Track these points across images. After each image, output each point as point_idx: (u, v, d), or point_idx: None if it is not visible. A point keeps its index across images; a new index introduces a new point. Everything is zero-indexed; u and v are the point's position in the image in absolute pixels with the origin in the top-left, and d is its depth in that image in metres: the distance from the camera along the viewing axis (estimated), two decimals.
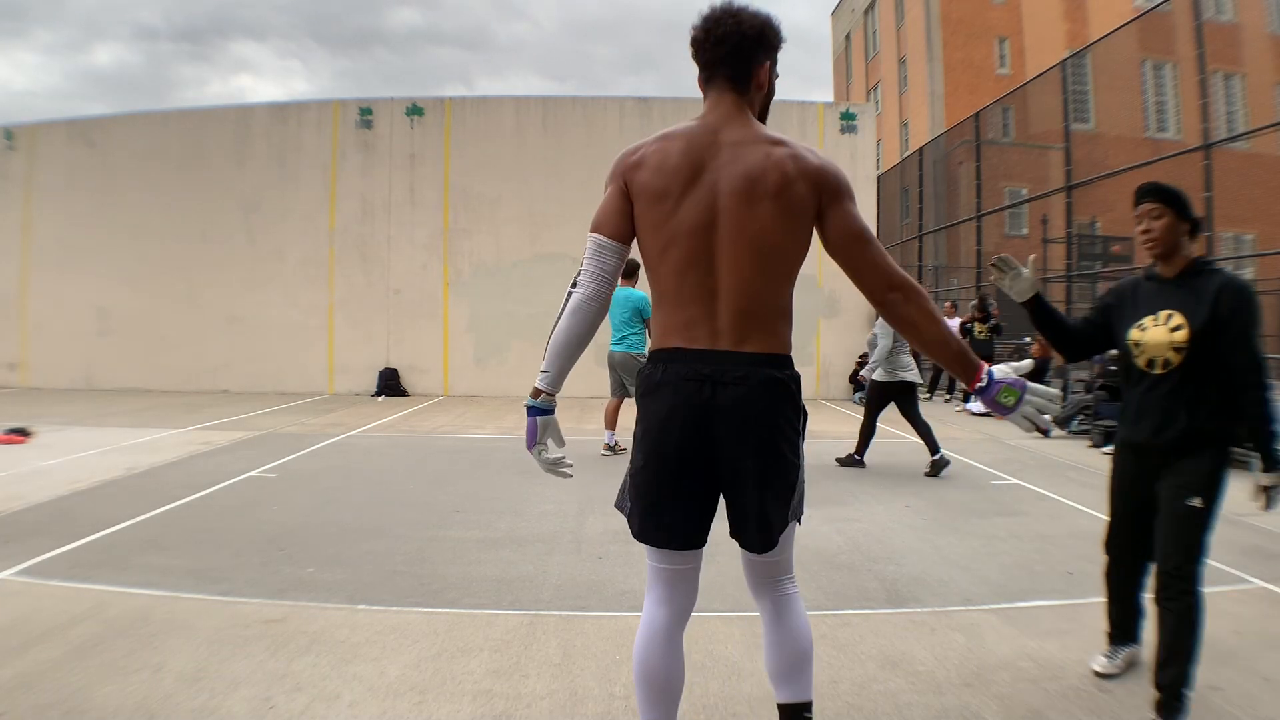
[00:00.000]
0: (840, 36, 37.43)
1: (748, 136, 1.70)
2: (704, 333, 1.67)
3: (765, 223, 1.66)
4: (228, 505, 4.98)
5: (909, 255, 15.94)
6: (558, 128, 12.72)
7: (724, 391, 1.64)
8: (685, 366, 1.66)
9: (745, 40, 1.71)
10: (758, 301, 1.68)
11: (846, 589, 3.52)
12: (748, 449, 1.66)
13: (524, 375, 12.41)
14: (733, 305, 1.66)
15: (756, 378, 1.65)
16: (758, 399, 1.65)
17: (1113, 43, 9.87)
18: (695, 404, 1.65)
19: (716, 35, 1.71)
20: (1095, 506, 5.18)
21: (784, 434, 1.69)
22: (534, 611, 3.20)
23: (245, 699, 2.41)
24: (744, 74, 1.73)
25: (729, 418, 1.65)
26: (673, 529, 1.73)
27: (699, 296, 1.67)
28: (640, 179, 1.71)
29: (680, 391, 1.66)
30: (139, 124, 13.25)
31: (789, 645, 1.83)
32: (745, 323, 1.67)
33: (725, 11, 1.72)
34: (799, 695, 1.81)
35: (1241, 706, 2.43)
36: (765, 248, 1.67)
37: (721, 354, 1.65)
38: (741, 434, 1.65)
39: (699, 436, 1.66)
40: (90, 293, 12.90)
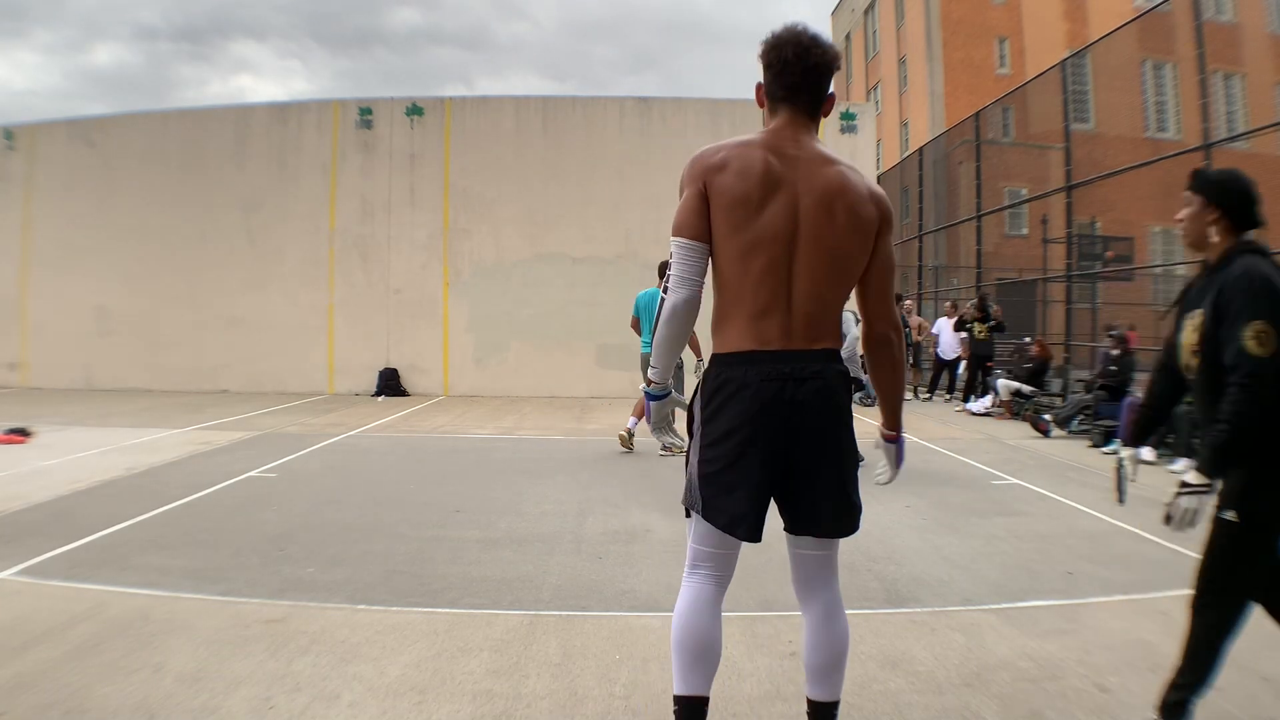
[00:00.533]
0: (840, 36, 37.42)
1: (822, 156, 1.88)
2: (778, 334, 1.80)
3: (841, 234, 1.81)
4: (228, 505, 4.98)
5: (909, 255, 15.94)
6: (557, 128, 12.71)
7: (803, 387, 1.79)
8: (766, 367, 1.79)
9: (830, 72, 1.91)
10: (825, 305, 1.84)
11: (846, 589, 3.49)
12: (829, 437, 1.82)
13: (524, 375, 12.43)
14: (804, 309, 1.81)
15: (829, 372, 1.83)
16: (834, 391, 1.83)
17: (1113, 43, 9.87)
18: (781, 400, 1.78)
19: (808, 64, 1.86)
20: (1095, 506, 5.18)
21: (849, 423, 1.89)
22: (534, 611, 3.20)
23: (245, 699, 2.41)
24: (820, 101, 1.93)
25: (808, 411, 1.79)
26: (749, 520, 1.82)
27: (775, 300, 1.80)
28: (723, 182, 1.80)
29: (764, 392, 1.78)
30: (139, 124, 13.26)
31: (835, 646, 1.93)
32: (815, 324, 1.82)
33: (815, 41, 1.88)
34: (833, 694, 1.95)
35: (1241, 706, 2.43)
36: (839, 256, 1.82)
37: (797, 353, 1.80)
38: (820, 424, 1.81)
39: (783, 431, 1.79)
40: (90, 293, 12.90)
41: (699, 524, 1.89)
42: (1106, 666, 2.71)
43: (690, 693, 1.85)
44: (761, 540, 1.86)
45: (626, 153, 12.55)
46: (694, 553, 1.92)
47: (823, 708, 1.95)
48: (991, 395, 10.39)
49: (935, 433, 8.67)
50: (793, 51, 1.86)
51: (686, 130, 12.60)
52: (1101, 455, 7.31)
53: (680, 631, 1.86)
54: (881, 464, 2.09)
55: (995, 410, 10.09)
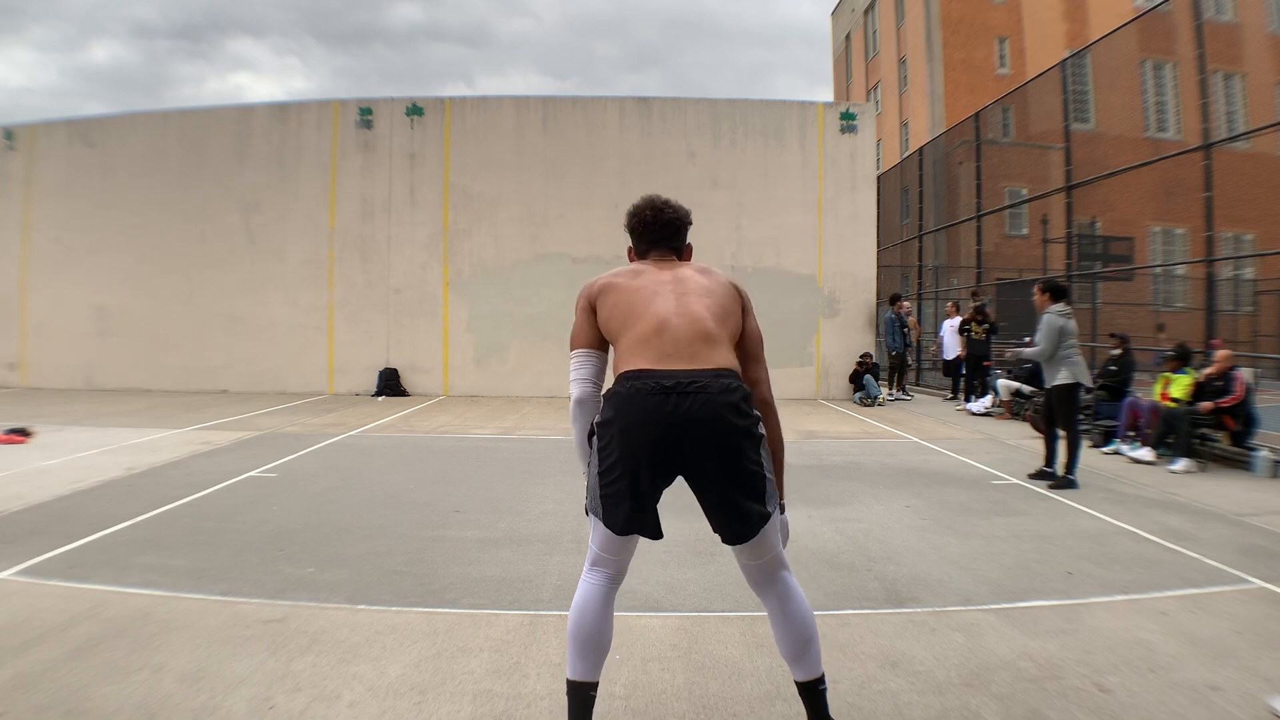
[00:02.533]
0: (840, 36, 37.43)
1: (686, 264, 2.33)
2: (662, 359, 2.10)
3: (709, 289, 2.20)
4: (228, 505, 4.98)
5: (909, 255, 15.93)
6: (558, 128, 12.71)
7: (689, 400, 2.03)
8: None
9: (682, 227, 2.41)
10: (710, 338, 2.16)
11: (846, 589, 3.52)
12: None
13: (524, 375, 12.43)
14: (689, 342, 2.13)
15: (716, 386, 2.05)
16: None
17: (1113, 43, 9.86)
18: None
19: (663, 220, 2.36)
20: (1095, 506, 5.19)
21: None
22: (534, 611, 3.20)
23: (245, 699, 2.41)
24: (679, 249, 2.40)
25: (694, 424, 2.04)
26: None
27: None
28: (610, 287, 2.22)
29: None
30: (139, 124, 13.25)
31: (797, 629, 2.11)
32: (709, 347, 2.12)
33: (667, 204, 2.39)
34: (812, 672, 2.12)
35: (1241, 706, 2.43)
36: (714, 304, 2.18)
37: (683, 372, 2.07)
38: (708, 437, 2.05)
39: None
40: (90, 293, 12.90)
41: (597, 527, 2.11)
42: (1106, 666, 2.72)
43: (579, 678, 2.08)
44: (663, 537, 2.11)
45: (626, 153, 12.55)
46: (593, 554, 2.16)
47: (807, 686, 2.12)
48: (991, 395, 10.39)
49: (935, 433, 8.67)
50: (650, 214, 2.35)
51: (686, 130, 12.62)
52: (1101, 455, 7.31)
53: (574, 624, 2.09)
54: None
55: (995, 410, 10.10)
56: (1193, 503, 5.37)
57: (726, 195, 12.53)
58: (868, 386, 11.63)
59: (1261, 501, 5.44)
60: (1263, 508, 5.23)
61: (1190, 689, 2.54)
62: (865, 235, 12.80)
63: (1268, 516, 4.99)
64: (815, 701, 2.11)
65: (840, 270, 12.59)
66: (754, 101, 12.84)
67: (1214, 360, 6.90)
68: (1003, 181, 12.82)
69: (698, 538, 4.30)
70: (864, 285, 12.73)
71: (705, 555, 3.99)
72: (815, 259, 12.58)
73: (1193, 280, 9.93)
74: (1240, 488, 5.91)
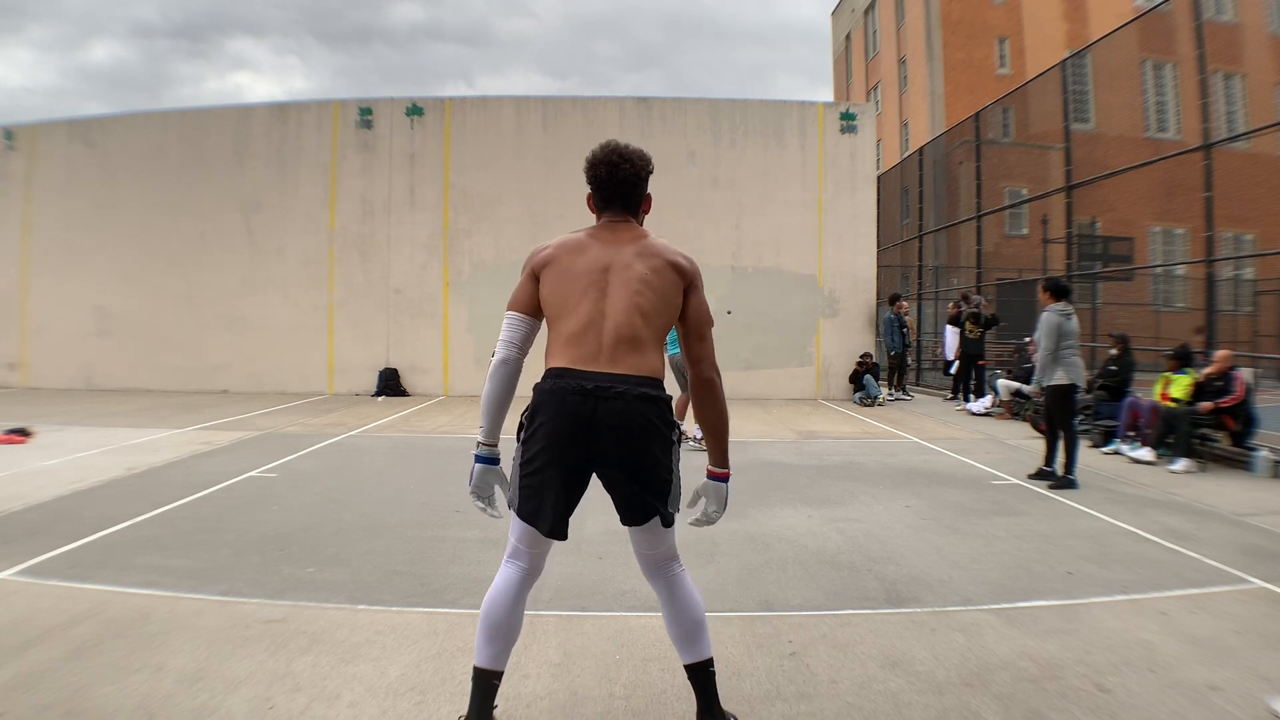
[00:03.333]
0: (840, 36, 37.43)
1: (634, 233, 2.29)
2: (581, 359, 2.20)
3: (646, 277, 2.18)
4: (228, 505, 4.98)
5: (909, 255, 15.93)
6: (558, 127, 12.71)
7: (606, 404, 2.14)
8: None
9: (639, 182, 2.33)
10: (637, 334, 2.18)
11: (846, 589, 3.52)
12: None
13: (524, 375, 12.38)
14: (614, 337, 2.16)
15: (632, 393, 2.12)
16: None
17: (1113, 43, 9.86)
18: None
19: (617, 178, 2.30)
20: (1095, 506, 5.19)
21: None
22: (534, 611, 3.20)
23: (245, 699, 2.41)
24: (636, 204, 2.35)
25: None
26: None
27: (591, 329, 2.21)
28: (551, 258, 2.32)
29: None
30: (139, 124, 13.25)
31: (684, 616, 2.18)
32: (627, 350, 2.17)
33: (623, 158, 2.31)
34: (700, 655, 2.18)
35: (1241, 706, 2.43)
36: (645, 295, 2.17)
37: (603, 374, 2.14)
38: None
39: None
40: (90, 293, 12.90)
41: (514, 519, 2.20)
42: (1106, 666, 2.72)
43: (484, 665, 2.13)
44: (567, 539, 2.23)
45: None
46: (511, 546, 2.22)
47: (695, 668, 2.18)
48: (991, 395, 10.39)
49: (935, 433, 8.67)
50: (605, 170, 2.31)
51: (686, 130, 12.61)
52: (1101, 455, 7.31)
53: (485, 612, 2.15)
54: (701, 502, 2.25)
55: (995, 410, 10.10)
56: (1193, 503, 5.37)
57: (726, 195, 12.53)
58: (868, 386, 11.63)
59: (1261, 501, 5.44)
60: (1263, 508, 5.23)
61: (1190, 689, 2.54)
62: (865, 235, 12.80)
63: (1268, 516, 4.99)
64: (705, 683, 2.17)
65: (840, 270, 12.59)
66: (754, 101, 12.84)
67: (1214, 360, 6.90)
68: (1003, 181, 12.82)
69: (698, 537, 4.30)
70: (864, 285, 12.73)
71: (705, 555, 3.99)
72: (815, 259, 12.58)
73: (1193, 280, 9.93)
74: (1240, 488, 5.91)
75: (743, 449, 7.47)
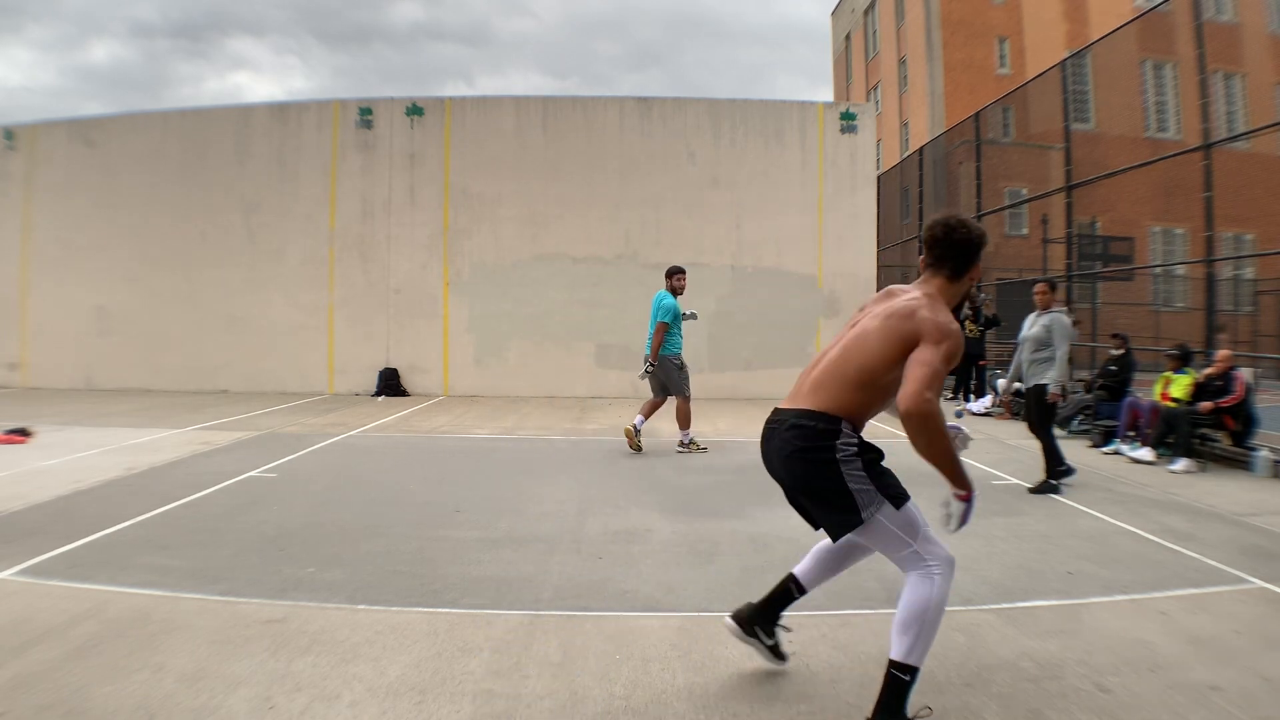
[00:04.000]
0: (840, 36, 37.42)
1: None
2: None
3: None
4: (228, 505, 4.98)
5: (909, 255, 15.92)
6: (558, 128, 12.71)
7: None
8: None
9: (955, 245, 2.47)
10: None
11: (846, 589, 3.52)
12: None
13: (524, 375, 12.43)
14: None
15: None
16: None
17: (1113, 43, 9.85)
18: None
19: (953, 240, 2.47)
20: (1095, 506, 5.19)
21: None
22: (534, 611, 3.20)
23: (245, 699, 2.41)
24: (942, 267, 2.49)
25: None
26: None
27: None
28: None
29: None
30: (139, 124, 13.25)
31: (899, 611, 2.32)
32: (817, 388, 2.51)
33: (954, 223, 2.49)
34: (890, 652, 2.28)
35: (1241, 706, 2.43)
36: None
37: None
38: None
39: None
40: (90, 293, 12.89)
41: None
42: (1106, 666, 2.71)
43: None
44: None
45: (626, 153, 12.55)
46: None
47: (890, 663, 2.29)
48: (991, 395, 10.38)
49: None
50: (928, 233, 2.53)
51: (686, 130, 12.61)
52: (1101, 455, 7.31)
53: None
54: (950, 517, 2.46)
55: (995, 410, 10.09)
56: (1193, 503, 5.37)
57: (726, 195, 12.53)
58: None
59: (1261, 501, 5.44)
60: (1263, 508, 5.23)
61: (1190, 689, 2.54)
62: (865, 235, 12.80)
63: (1268, 516, 4.99)
64: (885, 682, 2.27)
65: (840, 270, 12.59)
66: (754, 101, 12.84)
67: (1214, 360, 6.90)
68: (1003, 181, 12.82)
69: (698, 538, 4.30)
70: (864, 285, 12.72)
71: (705, 555, 3.99)
72: (815, 259, 12.58)
73: (1193, 280, 9.93)
74: (1240, 488, 5.91)
75: (743, 449, 7.47)
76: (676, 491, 5.49)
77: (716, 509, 4.94)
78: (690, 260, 12.43)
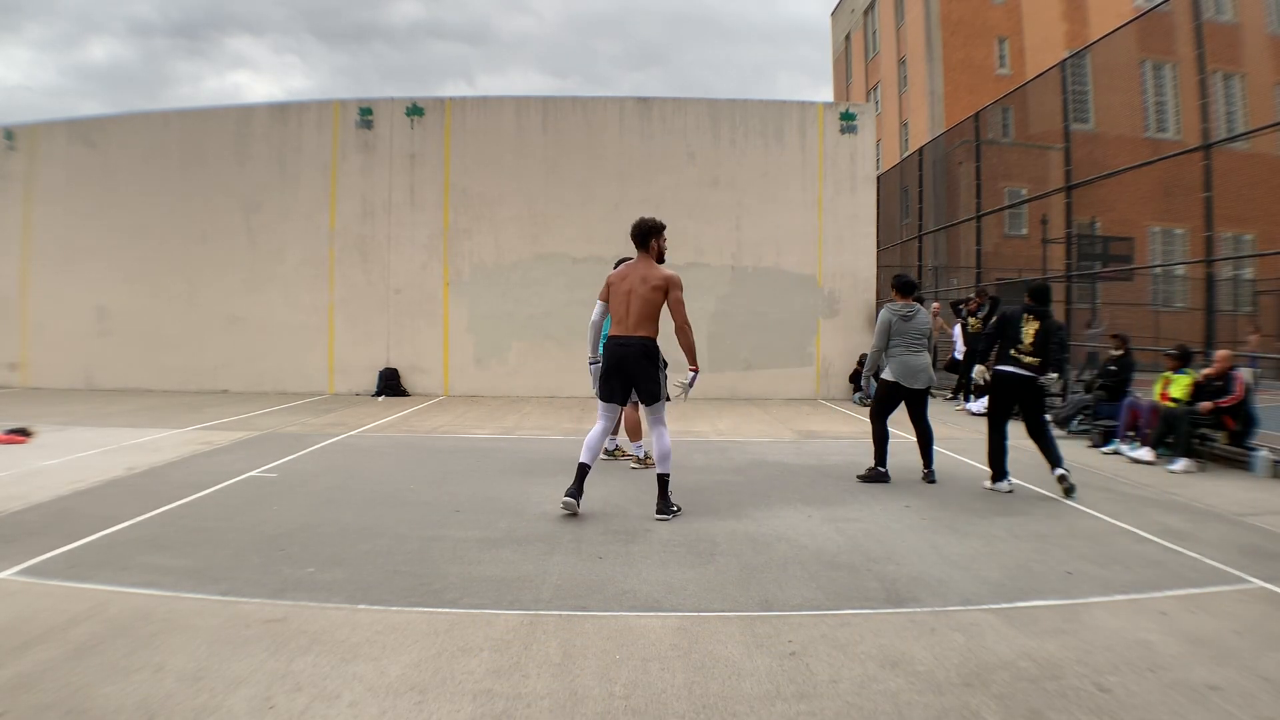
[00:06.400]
0: (840, 37, 37.43)
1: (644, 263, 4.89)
2: (623, 329, 4.81)
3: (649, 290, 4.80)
4: (228, 505, 4.98)
5: (909, 255, 15.92)
6: (558, 128, 12.71)
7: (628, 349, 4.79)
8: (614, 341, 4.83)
9: (643, 232, 4.86)
10: (644, 319, 4.81)
11: (846, 589, 3.52)
12: (639, 369, 4.80)
13: (524, 375, 12.43)
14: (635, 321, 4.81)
15: (637, 343, 4.77)
16: (642, 350, 4.79)
17: (1113, 43, 9.85)
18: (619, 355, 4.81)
19: (634, 235, 4.86)
20: (1095, 506, 5.19)
21: (649, 365, 4.84)
22: (534, 611, 3.20)
23: (245, 699, 2.41)
24: (644, 246, 4.87)
25: (629, 359, 4.79)
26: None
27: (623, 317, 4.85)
28: (611, 279, 4.94)
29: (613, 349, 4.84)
30: (139, 124, 13.25)
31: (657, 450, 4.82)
32: (639, 326, 4.77)
33: (642, 221, 4.88)
34: (658, 470, 4.86)
35: (1241, 706, 2.43)
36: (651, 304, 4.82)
37: (628, 336, 4.80)
38: (635, 364, 4.79)
39: (619, 365, 4.80)
40: (90, 293, 12.90)
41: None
42: (1106, 666, 2.72)
43: (585, 461, 4.79)
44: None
45: (626, 153, 12.55)
46: (601, 411, 4.94)
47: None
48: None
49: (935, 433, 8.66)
50: (633, 228, 4.87)
51: (686, 130, 12.62)
52: (1101, 455, 7.31)
53: (589, 445, 4.81)
54: (681, 381, 4.84)
55: None
56: (1192, 503, 5.38)
57: (726, 195, 12.53)
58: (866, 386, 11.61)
59: (1261, 501, 5.44)
60: (1263, 508, 5.23)
61: (1190, 689, 2.55)
62: (865, 235, 12.80)
63: (1268, 516, 4.99)
64: (660, 485, 4.80)
65: (840, 270, 12.59)
66: (754, 101, 12.84)
67: (1214, 360, 6.90)
68: (1002, 181, 12.82)
69: (698, 538, 4.31)
70: (864, 285, 12.73)
71: (705, 555, 3.99)
72: (815, 259, 12.58)
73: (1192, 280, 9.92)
74: (1240, 488, 5.91)
75: (743, 449, 7.47)
76: (676, 491, 5.49)
77: (716, 509, 4.94)
78: (690, 260, 12.46)
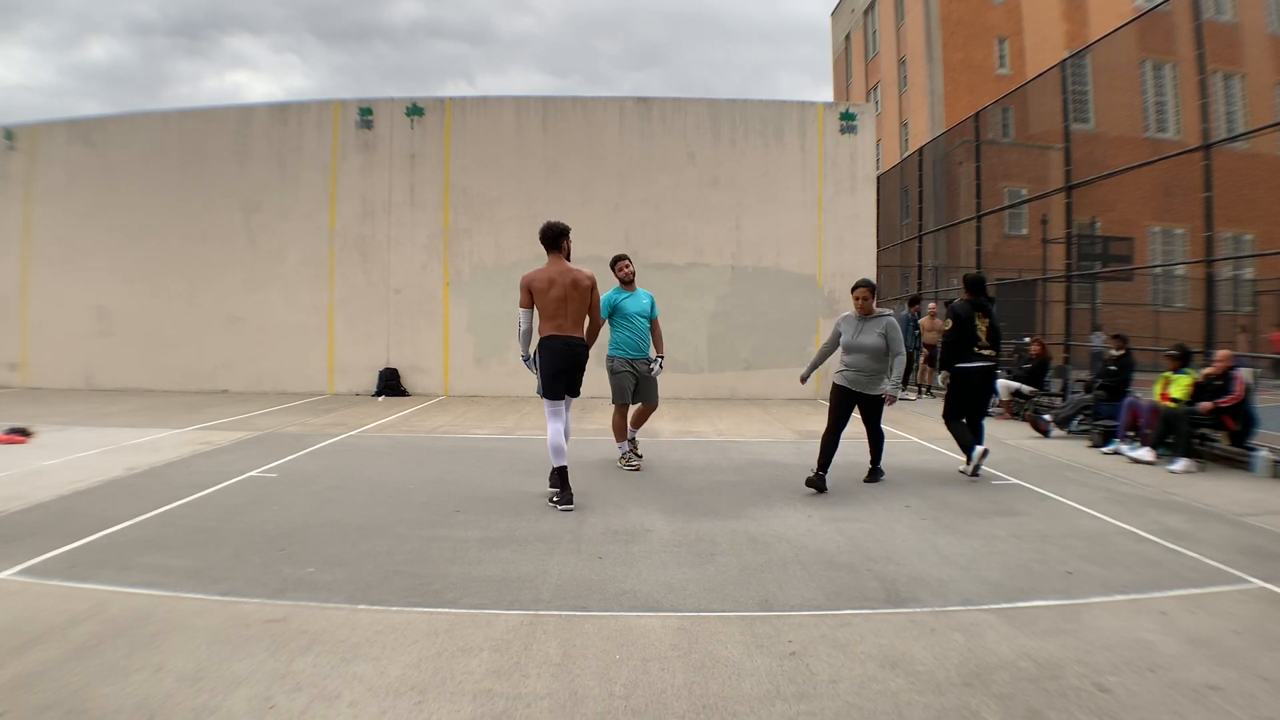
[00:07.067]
0: (840, 36, 37.43)
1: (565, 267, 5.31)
2: (565, 329, 5.24)
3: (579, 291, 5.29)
4: (228, 505, 4.98)
5: (909, 255, 15.93)
6: (558, 128, 12.71)
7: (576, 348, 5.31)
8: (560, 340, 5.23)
9: (553, 235, 5.32)
10: (578, 319, 5.34)
11: (846, 589, 3.52)
12: (580, 367, 5.38)
13: (524, 375, 12.35)
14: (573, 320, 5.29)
15: (579, 343, 5.31)
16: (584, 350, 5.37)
17: (1113, 43, 9.85)
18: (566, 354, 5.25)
19: (547, 236, 5.31)
20: (1095, 506, 5.19)
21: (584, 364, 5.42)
22: (534, 611, 3.20)
23: (245, 699, 2.41)
24: (557, 248, 5.30)
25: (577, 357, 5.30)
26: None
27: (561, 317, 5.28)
28: (536, 285, 5.24)
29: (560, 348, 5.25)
30: (139, 124, 13.25)
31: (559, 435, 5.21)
32: (577, 326, 5.30)
33: (550, 225, 5.32)
34: (555, 462, 5.19)
35: (1241, 706, 2.43)
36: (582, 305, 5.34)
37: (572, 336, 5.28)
38: (580, 362, 5.35)
39: (568, 364, 5.25)
40: (90, 293, 12.89)
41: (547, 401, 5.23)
42: (1106, 666, 2.72)
43: (560, 464, 5.04)
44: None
45: (626, 153, 12.55)
46: (550, 412, 5.20)
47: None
48: (991, 395, 10.37)
49: (935, 432, 8.66)
50: (544, 231, 5.30)
51: (686, 130, 12.61)
52: (1101, 455, 7.31)
53: (554, 446, 5.08)
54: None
55: (995, 410, 10.09)
56: (1192, 503, 5.38)
57: (726, 195, 12.53)
58: None
59: (1261, 501, 5.44)
60: (1263, 508, 5.24)
61: (1190, 689, 2.55)
62: (865, 235, 12.79)
63: (1268, 516, 4.99)
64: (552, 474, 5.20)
65: (840, 270, 12.58)
66: (754, 101, 12.84)
67: (1214, 360, 6.90)
68: (1002, 181, 12.82)
69: (697, 537, 4.31)
70: None
71: (705, 555, 3.99)
72: (815, 259, 12.58)
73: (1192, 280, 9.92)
74: (1240, 488, 5.91)
75: (743, 449, 7.47)
76: (676, 491, 5.49)
77: (716, 509, 4.94)
78: (690, 260, 12.46)
